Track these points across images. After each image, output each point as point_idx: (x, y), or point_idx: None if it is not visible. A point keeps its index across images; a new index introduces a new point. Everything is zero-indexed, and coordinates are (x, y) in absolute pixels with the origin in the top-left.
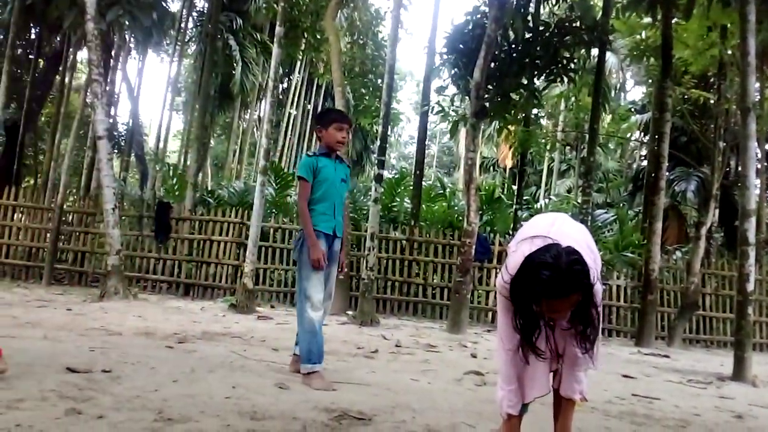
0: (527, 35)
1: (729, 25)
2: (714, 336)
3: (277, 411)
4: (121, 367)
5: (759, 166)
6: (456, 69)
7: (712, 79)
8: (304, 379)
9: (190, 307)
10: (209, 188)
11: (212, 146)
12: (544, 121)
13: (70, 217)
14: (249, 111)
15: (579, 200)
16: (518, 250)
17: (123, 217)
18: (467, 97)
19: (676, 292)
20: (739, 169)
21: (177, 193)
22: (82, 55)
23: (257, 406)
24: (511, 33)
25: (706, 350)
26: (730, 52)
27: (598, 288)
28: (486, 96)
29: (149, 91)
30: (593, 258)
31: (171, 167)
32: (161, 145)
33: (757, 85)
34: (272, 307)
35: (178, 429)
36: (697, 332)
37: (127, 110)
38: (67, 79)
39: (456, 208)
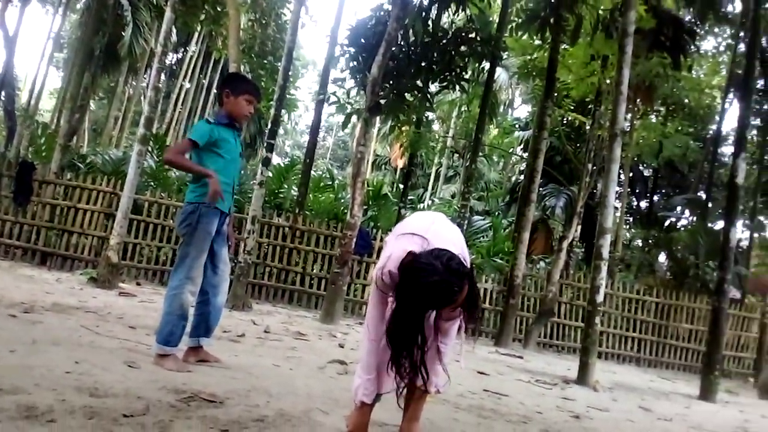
0: (426, 39)
1: (610, 56)
2: (565, 342)
3: (122, 389)
4: None
5: (620, 190)
6: (355, 62)
7: (589, 106)
8: (156, 360)
9: (45, 277)
10: (82, 153)
11: (93, 110)
12: (436, 126)
13: None
14: (137, 78)
15: (458, 205)
16: (398, 244)
17: None
18: (363, 92)
19: (536, 298)
20: (602, 190)
21: (44, 154)
22: None
23: (100, 383)
24: (411, 35)
25: (557, 354)
26: (608, 81)
27: None
28: (381, 93)
29: (28, 42)
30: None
31: (41, 126)
32: (34, 101)
33: (629, 115)
34: (138, 284)
35: (6, 400)
36: (551, 337)
37: (0, 60)
38: None
39: (343, 200)
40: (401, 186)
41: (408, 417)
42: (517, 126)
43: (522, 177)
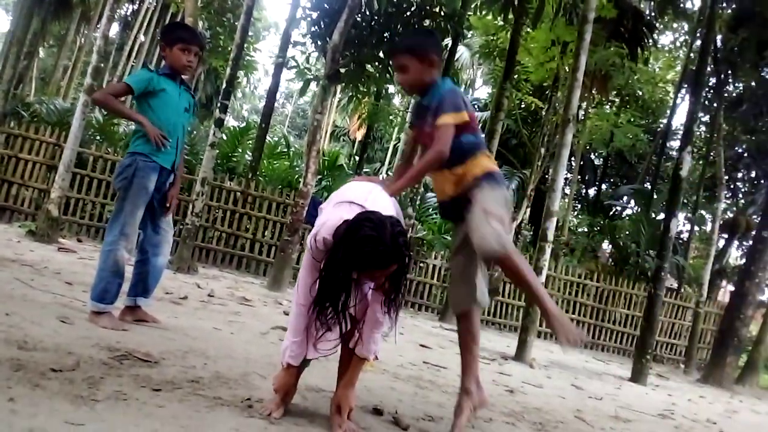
0: (390, 9)
1: (570, 44)
2: (508, 320)
3: (52, 344)
4: None
5: (570, 176)
6: (317, 27)
7: (547, 91)
8: (90, 317)
9: None
10: (27, 101)
11: (42, 57)
12: (396, 100)
13: None
14: (89, 27)
15: None
16: (334, 212)
17: None
18: (324, 58)
19: None
20: (552, 174)
21: None
22: None
23: (30, 336)
24: (375, 3)
25: (498, 332)
26: (567, 68)
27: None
28: (342, 61)
29: None
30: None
31: None
32: None
33: (584, 103)
34: (79, 240)
35: None
36: (494, 315)
37: None
38: None
39: (297, 168)
40: (357, 158)
41: (343, 383)
42: (476, 106)
43: None
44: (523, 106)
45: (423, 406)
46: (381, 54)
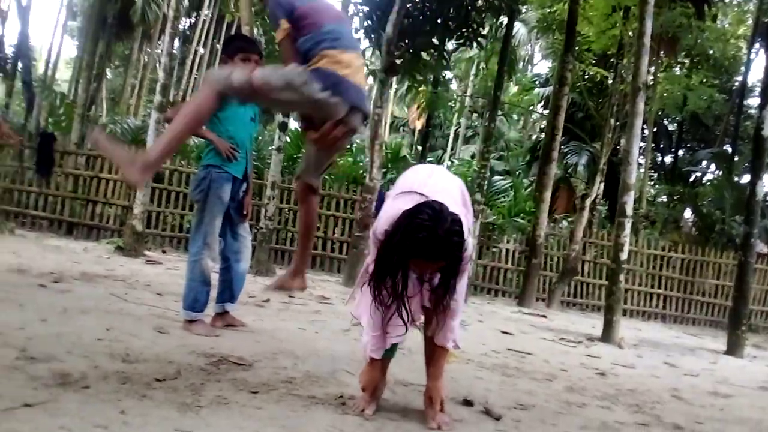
0: None
1: (632, 7)
2: (589, 300)
3: (153, 354)
4: None
5: (644, 145)
6: (369, 21)
7: (611, 59)
8: (184, 326)
9: (72, 246)
10: (102, 122)
11: (109, 78)
12: (453, 85)
13: None
14: (151, 44)
15: (478, 166)
16: (395, 201)
17: (3, 147)
18: (378, 52)
19: (559, 257)
20: (625, 145)
21: (64, 124)
22: None
23: (131, 348)
24: None
25: (581, 313)
26: (630, 33)
27: (470, 243)
28: (397, 53)
29: (41, 12)
30: (465, 213)
31: (59, 96)
32: (51, 71)
33: (652, 68)
34: (164, 252)
35: (40, 368)
36: (574, 296)
37: (15, 31)
38: None
39: (361, 163)
40: (420, 148)
41: (431, 375)
42: (536, 82)
43: (543, 135)
44: (587, 77)
45: (512, 395)
46: (436, 41)
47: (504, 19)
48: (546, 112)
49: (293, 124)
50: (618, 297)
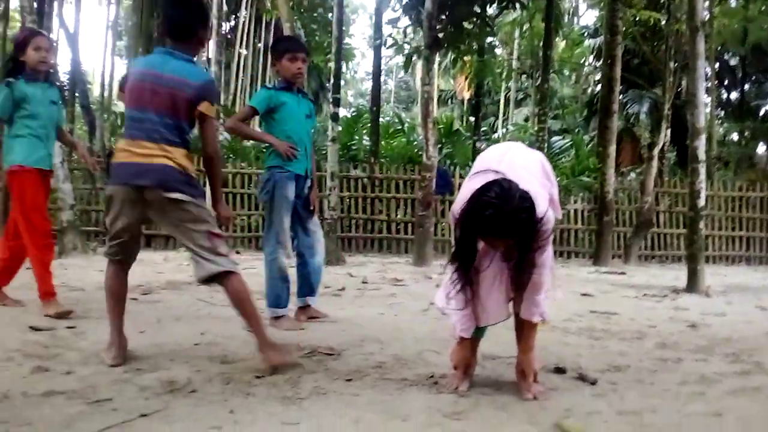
0: None
1: None
2: (668, 251)
3: (248, 353)
4: (85, 323)
5: (708, 84)
6: None
7: (662, 0)
8: (271, 322)
9: (153, 258)
10: None
11: None
12: (498, 50)
13: None
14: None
15: (535, 128)
16: (469, 182)
17: (74, 171)
18: (420, 28)
19: (631, 211)
20: (689, 88)
21: None
22: (15, 2)
23: (227, 350)
24: None
25: (661, 265)
26: None
27: (550, 216)
28: (438, 26)
29: (89, 36)
30: (550, 186)
31: (119, 116)
32: (106, 93)
33: (706, 4)
34: (238, 253)
35: (148, 378)
36: (652, 249)
37: (67, 58)
38: (1, 29)
39: (415, 143)
40: (472, 118)
41: (522, 349)
42: (585, 34)
43: (599, 88)
44: (638, 21)
45: (604, 357)
46: (477, 8)
47: None
48: (599, 63)
49: (340, 111)
50: (699, 245)
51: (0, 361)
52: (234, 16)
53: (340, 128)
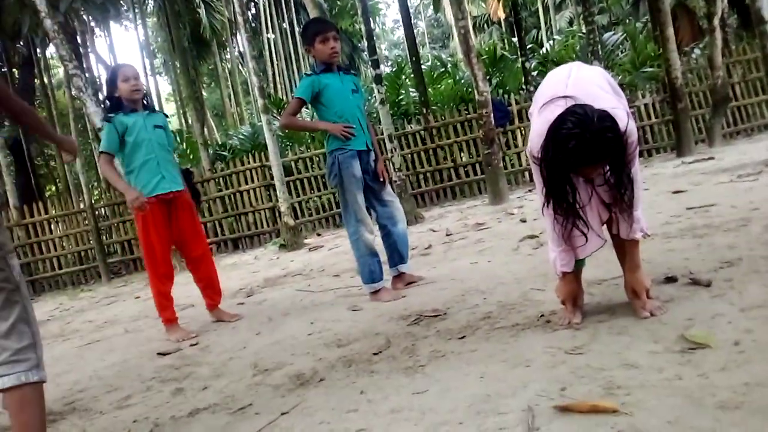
0: None
1: None
2: (753, 122)
3: (359, 332)
4: (205, 337)
5: None
6: None
7: None
8: (372, 297)
9: (245, 258)
10: (219, 141)
11: (206, 97)
12: None
13: (103, 211)
14: (228, 50)
15: (583, 30)
16: (541, 116)
17: None
18: None
19: (704, 91)
20: None
21: (191, 156)
22: (52, 50)
23: (339, 333)
24: None
25: (748, 139)
26: None
27: (632, 127)
28: None
29: (125, 62)
30: (618, 99)
31: (176, 133)
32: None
33: None
34: (319, 235)
35: (277, 376)
36: (734, 124)
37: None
38: (45, 80)
39: (462, 81)
40: (513, 39)
41: (628, 268)
42: None
43: None
44: None
45: (713, 255)
46: None
47: None
48: None
49: (382, 69)
50: None
51: (141, 392)
52: (253, 3)
53: (385, 88)
